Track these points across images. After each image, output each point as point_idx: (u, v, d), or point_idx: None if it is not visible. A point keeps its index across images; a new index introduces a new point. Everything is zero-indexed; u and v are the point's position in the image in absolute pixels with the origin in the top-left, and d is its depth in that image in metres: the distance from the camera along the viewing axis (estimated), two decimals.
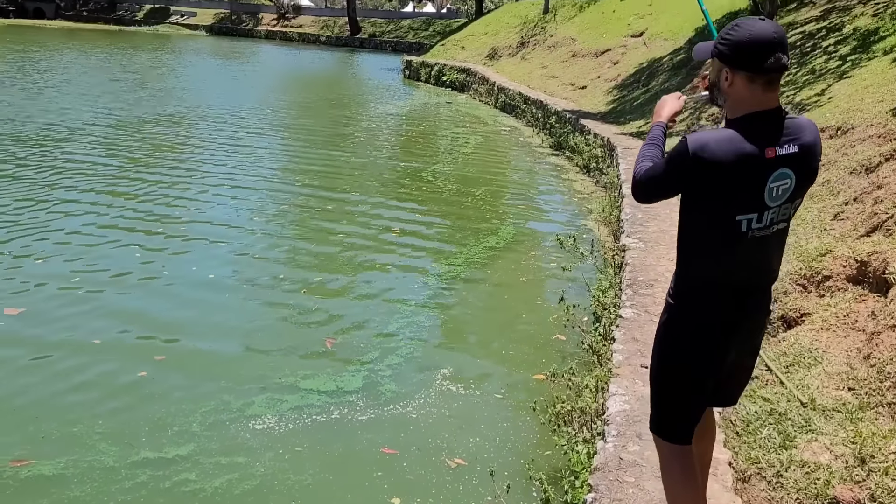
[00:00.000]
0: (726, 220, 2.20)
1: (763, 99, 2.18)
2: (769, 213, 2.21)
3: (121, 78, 24.20)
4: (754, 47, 2.15)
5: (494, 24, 33.34)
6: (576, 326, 5.73)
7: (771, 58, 2.14)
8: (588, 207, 10.18)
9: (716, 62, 2.27)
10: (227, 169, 11.25)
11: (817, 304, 4.73)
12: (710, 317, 2.32)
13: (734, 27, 2.22)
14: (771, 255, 2.36)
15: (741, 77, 2.17)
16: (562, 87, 20.32)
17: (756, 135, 2.15)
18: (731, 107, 2.24)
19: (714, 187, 2.16)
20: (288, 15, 73.08)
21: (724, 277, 2.30)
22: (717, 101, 2.33)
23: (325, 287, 6.58)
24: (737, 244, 2.23)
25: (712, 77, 2.32)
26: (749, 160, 2.13)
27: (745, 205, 2.18)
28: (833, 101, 8.24)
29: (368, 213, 9.26)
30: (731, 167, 2.12)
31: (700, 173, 2.15)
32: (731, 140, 2.14)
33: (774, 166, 2.16)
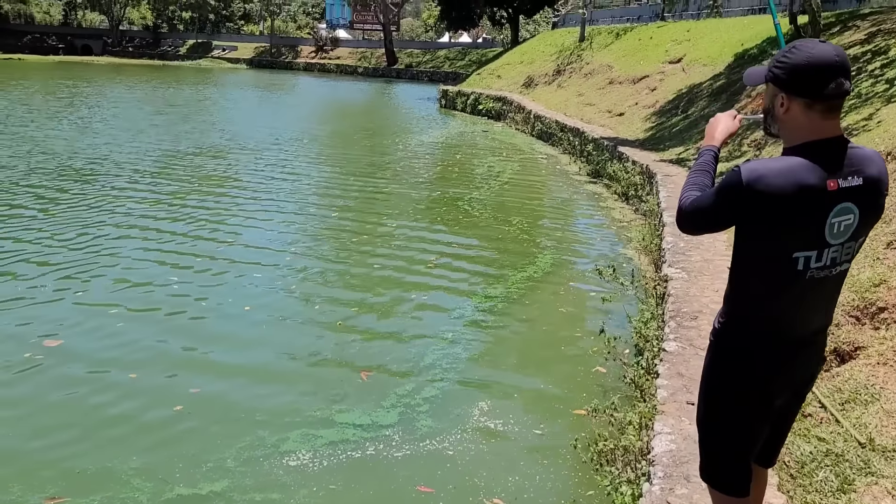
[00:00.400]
0: (783, 258, 2.02)
1: (822, 127, 2.01)
2: (830, 252, 2.02)
3: (165, 111, 24.77)
4: (814, 72, 1.97)
5: (530, 53, 33.46)
6: (617, 359, 5.56)
7: (832, 83, 1.96)
8: (627, 236, 10.01)
9: (770, 87, 2.09)
10: (264, 200, 11.35)
11: (872, 337, 4.52)
12: (756, 367, 2.14)
13: (792, 49, 2.03)
14: (828, 301, 2.17)
15: (798, 104, 2.01)
16: (599, 114, 20.21)
17: (816, 165, 1.97)
18: (788, 135, 2.08)
19: (770, 221, 1.98)
20: (326, 47, 74.47)
21: (774, 322, 2.11)
22: (771, 130, 2.16)
23: (360, 318, 6.52)
24: (793, 285, 2.04)
25: (766, 103, 2.15)
26: (809, 192, 1.95)
27: (804, 241, 2.00)
28: (882, 126, 8.00)
29: (405, 243, 9.21)
30: (789, 200, 1.94)
31: (754, 206, 1.97)
32: (790, 170, 1.96)
33: (837, 200, 1.97)
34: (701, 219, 2.15)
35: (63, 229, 8.91)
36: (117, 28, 79.90)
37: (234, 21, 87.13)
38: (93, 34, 79.66)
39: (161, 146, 16.31)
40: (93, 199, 10.66)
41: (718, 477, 2.30)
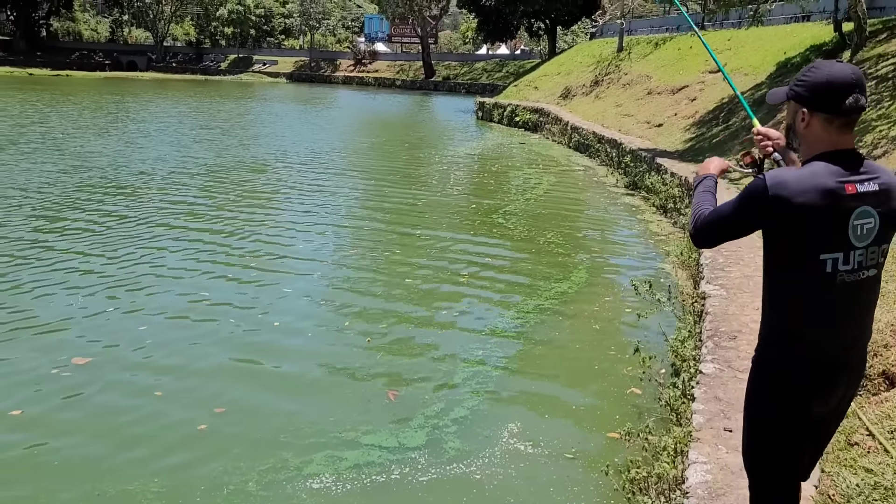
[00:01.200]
0: (810, 261, 2.11)
1: (839, 140, 2.16)
2: (856, 255, 2.11)
3: (210, 125, 25.15)
4: (833, 88, 2.13)
5: (567, 64, 33.29)
6: (652, 380, 5.37)
7: (849, 98, 2.11)
8: (665, 250, 9.77)
9: (791, 104, 2.25)
10: (300, 213, 11.38)
11: None
12: (796, 388, 2.18)
13: (812, 69, 2.20)
14: (863, 310, 2.22)
15: (819, 118, 2.17)
16: (637, 125, 19.94)
17: (835, 171, 2.11)
18: (807, 149, 2.22)
19: (795, 225, 2.09)
20: (364, 60, 75.16)
21: (811, 334, 2.16)
22: (792, 144, 2.34)
23: (390, 336, 6.42)
24: (824, 290, 2.11)
25: (788, 119, 2.30)
26: (829, 194, 2.07)
27: (829, 243, 2.10)
28: None
29: (438, 255, 9.12)
30: (812, 202, 2.06)
31: (780, 211, 2.09)
32: (812, 175, 2.10)
33: (856, 203, 2.10)
34: (720, 229, 2.26)
35: (106, 243, 8.99)
36: (161, 44, 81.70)
37: (274, 36, 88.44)
38: (138, 50, 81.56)
39: (203, 160, 16.51)
40: (137, 213, 10.79)
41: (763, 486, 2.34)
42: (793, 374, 2.18)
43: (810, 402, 2.18)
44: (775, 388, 2.22)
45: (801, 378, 2.17)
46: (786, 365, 2.19)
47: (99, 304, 6.85)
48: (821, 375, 2.17)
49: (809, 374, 2.16)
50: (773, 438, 2.27)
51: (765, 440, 2.29)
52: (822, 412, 2.23)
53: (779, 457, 2.28)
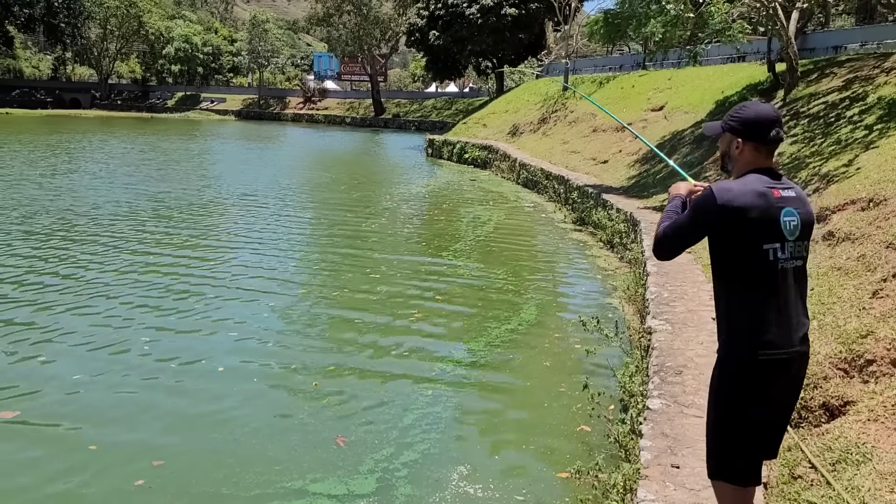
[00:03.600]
0: (756, 251, 2.57)
1: (765, 162, 2.69)
2: (788, 246, 2.59)
3: (147, 164, 24.73)
4: (760, 124, 2.66)
5: (515, 102, 33.86)
6: (601, 416, 5.40)
7: (773, 131, 2.65)
8: (613, 284, 9.91)
9: (727, 135, 2.76)
10: (241, 257, 11.20)
11: (861, 391, 4.39)
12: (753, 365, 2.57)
13: (742, 108, 2.74)
14: (801, 295, 2.67)
15: (749, 146, 2.68)
16: (583, 161, 20.33)
17: (764, 180, 2.63)
18: (739, 169, 2.72)
19: (741, 224, 2.55)
20: (314, 98, 75.24)
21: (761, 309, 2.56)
22: (727, 168, 2.80)
23: (338, 377, 6.33)
24: (770, 276, 2.56)
25: (723, 148, 2.79)
26: (762, 195, 2.58)
27: (768, 235, 2.57)
28: (862, 172, 8.00)
29: (387, 296, 9.07)
30: (750, 202, 2.56)
31: (728, 215, 2.56)
32: (747, 183, 2.61)
33: (782, 203, 2.60)
34: (678, 238, 2.71)
35: (36, 287, 8.72)
36: (106, 81, 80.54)
37: (222, 73, 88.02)
38: (81, 87, 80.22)
39: (139, 201, 16.20)
40: (70, 257, 10.49)
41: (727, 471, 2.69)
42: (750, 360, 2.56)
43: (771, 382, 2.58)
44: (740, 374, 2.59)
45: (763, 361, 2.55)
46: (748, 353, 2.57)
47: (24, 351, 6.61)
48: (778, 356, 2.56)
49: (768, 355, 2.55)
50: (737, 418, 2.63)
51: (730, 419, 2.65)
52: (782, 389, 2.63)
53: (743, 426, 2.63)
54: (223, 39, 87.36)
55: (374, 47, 66.87)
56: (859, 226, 6.70)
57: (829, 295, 5.77)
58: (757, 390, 2.59)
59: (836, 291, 5.75)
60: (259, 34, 79.41)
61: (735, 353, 2.62)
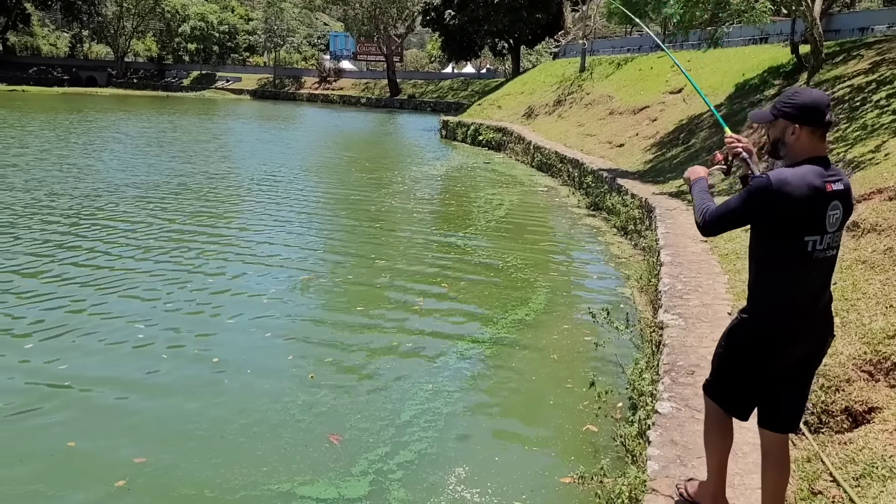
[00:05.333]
0: (797, 241, 2.69)
1: (820, 148, 2.77)
2: (827, 237, 2.72)
3: (162, 143, 24.58)
4: (817, 108, 2.72)
5: (531, 83, 33.35)
6: (608, 416, 5.13)
7: (828, 115, 2.73)
8: (626, 273, 9.61)
9: (780, 122, 2.81)
10: (248, 238, 10.99)
11: (888, 396, 4.09)
12: (777, 324, 2.77)
13: (796, 94, 2.79)
14: (827, 279, 2.82)
15: (807, 131, 2.74)
16: (599, 145, 19.91)
17: (818, 173, 2.70)
18: (794, 155, 2.78)
19: (790, 216, 2.66)
20: (329, 78, 74.79)
21: (796, 293, 2.74)
22: (779, 154, 2.84)
23: (335, 370, 6.09)
24: (804, 265, 2.70)
25: (776, 134, 2.84)
26: (815, 191, 2.66)
27: (812, 228, 2.69)
28: (890, 159, 7.62)
29: (392, 283, 8.82)
30: (805, 198, 2.65)
31: (781, 202, 2.65)
32: (804, 175, 2.68)
33: (831, 198, 2.69)
34: (728, 220, 2.82)
35: (28, 274, 8.54)
36: (122, 60, 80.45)
37: (238, 52, 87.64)
38: (97, 66, 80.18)
39: (149, 179, 16.02)
40: (69, 240, 10.33)
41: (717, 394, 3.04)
42: (780, 322, 2.77)
43: (791, 346, 2.77)
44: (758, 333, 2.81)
45: (787, 324, 2.76)
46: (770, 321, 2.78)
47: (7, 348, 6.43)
48: (800, 326, 2.76)
49: (795, 320, 2.76)
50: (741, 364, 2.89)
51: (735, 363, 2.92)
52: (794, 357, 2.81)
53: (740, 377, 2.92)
54: (239, 18, 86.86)
55: (389, 27, 66.20)
56: (886, 216, 6.34)
57: (854, 290, 5.44)
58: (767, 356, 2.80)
59: (862, 287, 5.43)
60: (275, 13, 78.93)
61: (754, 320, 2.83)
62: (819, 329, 2.83)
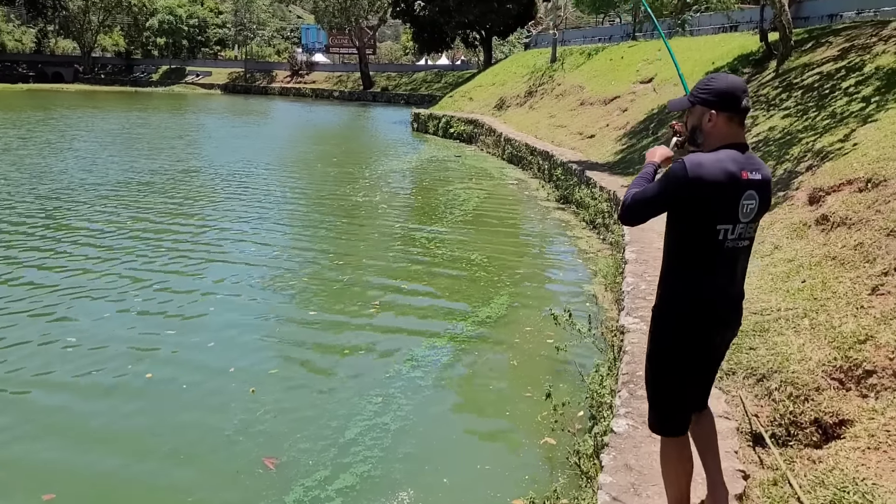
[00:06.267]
0: (709, 230, 2.62)
1: (737, 134, 2.70)
2: (739, 227, 2.65)
3: (118, 141, 23.93)
4: (733, 93, 2.66)
5: (502, 75, 32.99)
6: (566, 429, 4.81)
7: (743, 101, 2.67)
8: (593, 269, 9.30)
9: (698, 108, 2.73)
10: (201, 235, 10.54)
11: (860, 408, 3.79)
12: (690, 320, 2.69)
13: (712, 80, 2.72)
14: (741, 271, 2.78)
15: (723, 117, 2.67)
16: (570, 136, 19.62)
17: (734, 159, 2.62)
18: (712, 142, 2.69)
19: (704, 202, 2.58)
20: (301, 72, 73.92)
21: (703, 284, 2.67)
22: (697, 141, 2.75)
23: (280, 383, 5.70)
24: (717, 253, 2.64)
25: (693, 122, 2.76)
26: (731, 177, 2.58)
27: (724, 216, 2.61)
28: (859, 149, 7.35)
29: (350, 283, 8.44)
30: (719, 183, 2.56)
31: (695, 188, 2.56)
32: (720, 161, 2.59)
33: (746, 187, 2.62)
34: (647, 207, 2.69)
35: None
36: (89, 55, 78.94)
37: (209, 46, 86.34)
38: (64, 61, 78.64)
39: (114, 176, 15.46)
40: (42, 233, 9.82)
41: (668, 425, 2.85)
42: (692, 319, 2.68)
43: (707, 341, 2.71)
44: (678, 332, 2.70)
45: (700, 322, 2.68)
46: (687, 312, 2.69)
47: None
48: (714, 318, 2.70)
49: (705, 318, 2.68)
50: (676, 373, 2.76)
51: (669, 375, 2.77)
52: (715, 348, 2.79)
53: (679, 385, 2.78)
54: (209, 11, 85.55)
55: (361, 18, 65.49)
56: (856, 209, 6.07)
57: (823, 289, 5.16)
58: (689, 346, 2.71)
59: (831, 285, 5.14)
60: (245, 5, 77.82)
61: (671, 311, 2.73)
62: (731, 320, 2.79)
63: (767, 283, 5.88)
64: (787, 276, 5.81)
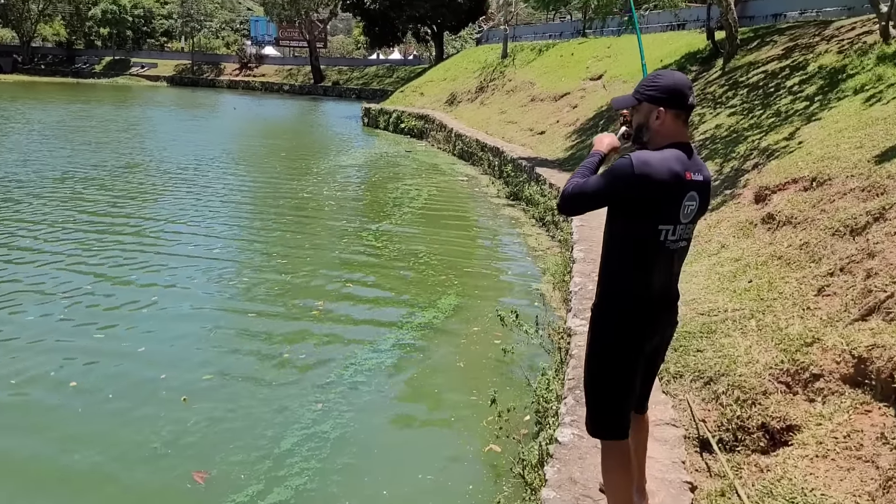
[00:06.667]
0: (651, 230, 2.56)
1: (682, 132, 2.63)
2: (679, 228, 2.60)
3: (56, 133, 23.06)
4: (680, 90, 2.59)
5: (454, 70, 32.83)
6: (511, 435, 4.65)
7: (691, 97, 2.61)
8: (543, 267, 9.19)
9: (644, 106, 2.64)
10: (140, 233, 10.12)
11: (807, 413, 3.72)
12: (631, 317, 2.64)
13: (658, 76, 2.65)
14: (676, 272, 2.75)
15: (671, 114, 2.59)
16: (520, 132, 19.55)
17: (680, 159, 2.56)
18: (658, 140, 2.61)
19: (648, 202, 2.52)
20: (250, 64, 72.63)
21: (643, 282, 2.62)
22: (643, 139, 2.66)
23: (214, 389, 5.43)
24: (657, 254, 2.59)
25: (640, 119, 2.66)
26: (677, 177, 2.53)
27: (666, 217, 2.56)
28: (804, 147, 7.38)
29: (291, 285, 8.17)
30: (664, 183, 2.50)
31: (640, 186, 2.48)
32: (667, 159, 2.53)
33: (689, 188, 2.57)
34: (587, 199, 2.61)
35: None
36: (28, 45, 76.24)
37: (155, 38, 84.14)
38: (2, 51, 75.74)
39: (52, 171, 14.81)
40: None
41: (609, 428, 2.75)
42: (630, 319, 2.64)
43: (643, 341, 2.66)
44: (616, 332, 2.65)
45: (637, 321, 2.64)
46: (625, 311, 2.64)
47: None
48: (651, 318, 2.66)
49: (643, 317, 2.64)
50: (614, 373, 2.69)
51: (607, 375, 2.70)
52: (651, 345, 2.72)
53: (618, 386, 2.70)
54: (154, 1, 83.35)
55: (311, 11, 64.55)
56: (802, 208, 6.06)
57: (770, 289, 5.11)
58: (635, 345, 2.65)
59: (778, 286, 5.09)
60: None
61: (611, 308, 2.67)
62: (671, 320, 2.79)
63: (714, 282, 5.82)
64: (734, 276, 5.76)
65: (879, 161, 5.73)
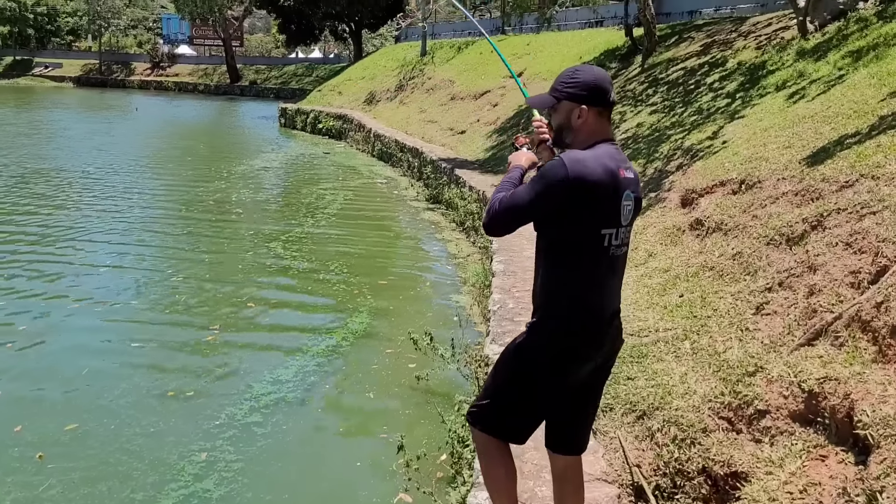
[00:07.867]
0: (594, 235, 2.33)
1: (606, 129, 2.44)
2: (621, 232, 2.39)
3: None
4: (602, 86, 2.41)
5: (372, 68, 32.08)
6: (421, 486, 4.06)
7: (611, 94, 2.43)
8: (462, 276, 8.66)
9: (565, 104, 2.42)
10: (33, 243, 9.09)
11: (754, 457, 3.25)
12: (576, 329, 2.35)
13: (577, 72, 2.44)
14: (619, 281, 2.50)
15: (594, 112, 2.40)
16: (440, 132, 19.02)
17: (611, 157, 2.36)
18: (583, 140, 2.39)
19: (588, 204, 2.29)
20: (163, 64, 69.95)
21: (590, 294, 2.37)
22: (566, 140, 2.45)
23: (77, 442, 4.63)
24: (599, 261, 2.36)
25: (560, 119, 2.45)
26: (612, 175, 2.32)
27: (607, 220, 2.34)
28: (730, 147, 7.04)
29: (186, 304, 7.38)
30: (602, 182, 2.29)
31: (578, 191, 2.26)
32: (600, 157, 2.32)
33: (625, 186, 2.36)
34: (517, 213, 2.35)
35: None
36: None
37: (61, 36, 80.00)
38: None
39: None
40: None
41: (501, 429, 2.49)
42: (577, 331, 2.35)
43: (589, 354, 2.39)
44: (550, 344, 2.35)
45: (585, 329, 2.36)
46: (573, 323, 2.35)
47: None
48: (597, 329, 2.39)
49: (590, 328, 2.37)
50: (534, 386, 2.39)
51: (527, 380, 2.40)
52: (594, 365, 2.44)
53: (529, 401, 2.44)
54: None
55: (225, 8, 62.48)
56: (732, 213, 5.67)
57: (703, 305, 4.67)
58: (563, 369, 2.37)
59: (711, 301, 4.66)
60: None
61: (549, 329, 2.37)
62: (613, 335, 2.50)
63: (643, 296, 5.38)
64: (664, 289, 5.32)
65: (811, 163, 5.38)
